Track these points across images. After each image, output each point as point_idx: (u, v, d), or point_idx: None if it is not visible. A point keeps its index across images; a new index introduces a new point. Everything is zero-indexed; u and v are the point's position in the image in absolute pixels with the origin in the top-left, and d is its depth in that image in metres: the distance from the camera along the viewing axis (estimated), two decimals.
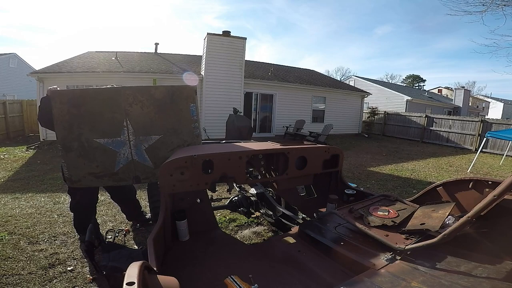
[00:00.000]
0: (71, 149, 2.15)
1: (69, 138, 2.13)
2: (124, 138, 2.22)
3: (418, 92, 28.98)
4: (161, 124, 2.28)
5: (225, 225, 3.37)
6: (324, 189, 2.62)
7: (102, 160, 2.22)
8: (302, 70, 17.83)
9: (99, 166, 2.22)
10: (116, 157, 2.23)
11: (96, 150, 2.18)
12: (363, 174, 6.57)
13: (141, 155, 2.27)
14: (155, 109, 2.24)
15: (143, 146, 2.27)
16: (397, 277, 1.22)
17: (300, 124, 12.12)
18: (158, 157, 2.28)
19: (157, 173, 2.24)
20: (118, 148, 2.21)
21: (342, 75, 47.41)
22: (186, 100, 2.31)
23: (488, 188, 1.72)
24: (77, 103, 2.11)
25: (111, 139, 2.19)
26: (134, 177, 2.32)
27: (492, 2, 5.63)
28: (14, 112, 11.37)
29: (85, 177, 2.23)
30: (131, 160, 2.27)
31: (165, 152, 2.28)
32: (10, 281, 2.22)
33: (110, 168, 2.26)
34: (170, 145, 2.32)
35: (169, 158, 1.91)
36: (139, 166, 2.30)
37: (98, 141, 2.17)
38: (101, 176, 2.27)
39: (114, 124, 2.18)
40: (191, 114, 2.34)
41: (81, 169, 2.20)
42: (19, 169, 6.05)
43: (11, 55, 21.85)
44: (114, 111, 2.18)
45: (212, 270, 1.55)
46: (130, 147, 2.24)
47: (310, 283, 1.43)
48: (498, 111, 34.48)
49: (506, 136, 7.82)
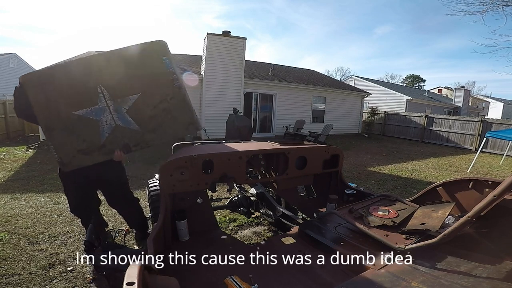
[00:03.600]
0: (54, 128, 2.09)
1: (49, 117, 2.08)
2: (102, 105, 2.15)
3: (418, 92, 28.98)
4: (136, 83, 2.21)
5: (225, 225, 3.37)
6: (324, 189, 2.62)
7: (86, 133, 2.16)
8: (302, 70, 17.83)
9: (85, 140, 2.16)
10: (99, 127, 2.16)
11: (78, 123, 2.12)
12: (363, 174, 6.57)
13: (123, 118, 2.19)
14: (126, 70, 2.19)
15: (123, 108, 2.19)
16: (397, 277, 1.22)
17: (300, 124, 12.12)
18: (143, 118, 2.22)
19: (146, 137, 2.23)
20: (98, 117, 2.15)
21: (342, 75, 47.41)
22: (157, 53, 2.24)
23: (488, 188, 1.72)
24: (48, 80, 2.07)
25: (90, 109, 2.13)
26: (124, 145, 2.22)
27: (492, 2, 5.63)
28: (14, 112, 11.34)
29: (74, 157, 2.15)
30: (115, 126, 2.19)
31: (149, 110, 2.22)
32: (10, 281, 2.22)
33: (96, 140, 2.18)
34: (151, 102, 2.23)
35: (169, 158, 1.91)
36: (125, 132, 2.22)
37: (77, 113, 2.11)
38: (90, 152, 2.19)
39: (88, 93, 2.13)
40: (166, 67, 2.25)
41: (68, 147, 2.13)
42: (19, 169, 6.04)
43: (11, 55, 21.84)
44: (86, 80, 2.13)
45: (212, 270, 1.55)
46: (110, 112, 2.17)
47: (310, 283, 1.43)
48: (498, 111, 34.47)
49: (506, 136, 7.82)
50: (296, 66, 18.33)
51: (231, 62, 10.53)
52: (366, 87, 20.31)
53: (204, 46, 10.50)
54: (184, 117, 2.28)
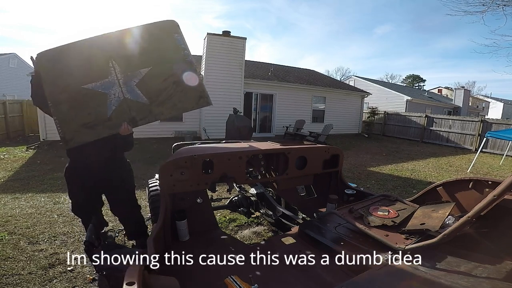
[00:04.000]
0: (61, 102, 2.10)
1: (58, 91, 2.10)
2: (112, 78, 2.18)
3: (418, 92, 28.99)
4: (147, 57, 2.25)
5: (225, 225, 3.37)
6: (324, 189, 2.62)
7: (93, 107, 2.16)
8: (302, 70, 17.83)
9: (91, 113, 2.15)
10: (107, 99, 2.17)
11: (86, 97, 2.13)
12: (363, 174, 6.57)
13: (132, 91, 2.21)
14: (138, 45, 2.24)
15: (133, 81, 2.21)
16: (397, 277, 1.22)
17: (300, 124, 12.12)
18: (152, 91, 2.24)
19: (154, 110, 2.23)
20: (107, 90, 2.17)
21: (342, 75, 47.42)
22: (169, 30, 2.32)
23: (488, 188, 1.72)
24: (61, 56, 2.12)
25: (99, 82, 2.16)
26: (130, 119, 2.21)
27: (492, 2, 5.62)
28: (14, 112, 11.37)
29: (78, 132, 2.14)
30: (123, 99, 2.19)
31: (158, 83, 2.24)
32: (10, 281, 2.22)
33: (103, 113, 2.17)
34: (161, 75, 2.26)
35: (169, 158, 1.91)
36: (133, 105, 2.22)
37: (86, 87, 2.13)
38: (94, 126, 2.17)
39: (99, 67, 2.17)
40: (178, 43, 2.32)
41: (72, 122, 2.13)
42: (19, 169, 6.04)
43: (11, 55, 21.85)
44: (98, 55, 2.18)
45: (212, 270, 1.55)
46: (119, 85, 2.18)
47: (310, 283, 1.43)
48: (498, 111, 34.47)
49: (506, 136, 7.82)
50: (296, 66, 18.34)
51: (231, 62, 10.53)
52: (366, 87, 20.32)
53: (204, 46, 10.51)
54: (194, 91, 2.31)
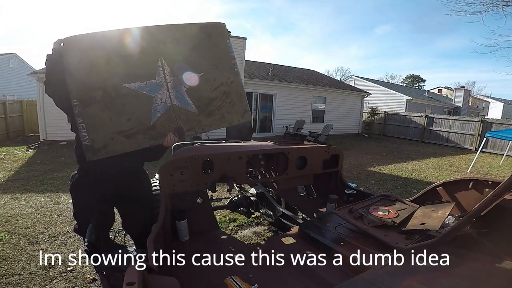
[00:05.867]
0: (93, 102, 1.73)
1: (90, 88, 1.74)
2: (160, 80, 1.88)
3: (418, 92, 28.99)
4: (199, 61, 2.01)
5: (225, 225, 3.37)
6: (324, 189, 2.62)
7: (134, 111, 1.80)
8: (302, 70, 17.83)
9: (131, 119, 1.81)
10: (152, 104, 1.86)
11: (126, 98, 1.80)
12: (363, 174, 6.57)
13: (182, 98, 1.93)
14: (191, 46, 1.99)
15: (183, 87, 1.95)
16: (397, 277, 1.22)
17: (300, 124, 12.12)
18: (201, 99, 1.99)
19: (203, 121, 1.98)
20: (153, 93, 1.86)
21: (342, 75, 47.43)
22: (222, 35, 2.10)
23: (488, 188, 1.72)
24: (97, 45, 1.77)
25: (145, 82, 1.84)
26: (176, 129, 1.92)
27: (492, 2, 5.62)
28: (14, 112, 11.37)
29: (112, 140, 1.78)
30: (170, 106, 1.91)
31: (208, 92, 2.01)
32: (10, 281, 2.22)
33: (145, 120, 1.85)
34: (213, 83, 2.03)
35: (169, 158, 1.91)
36: (181, 113, 1.94)
37: (128, 86, 1.78)
38: (134, 134, 1.81)
39: (147, 65, 1.86)
40: (230, 50, 2.12)
41: (106, 127, 1.77)
42: (19, 169, 6.04)
43: (11, 55, 21.86)
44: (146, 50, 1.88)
45: (212, 270, 1.55)
46: (168, 89, 1.90)
47: (310, 283, 1.43)
48: (498, 111, 34.46)
49: (506, 136, 7.82)
50: (296, 66, 18.34)
51: None
52: (366, 87, 20.31)
53: None
54: (241, 103, 2.14)
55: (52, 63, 1.72)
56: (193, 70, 1.97)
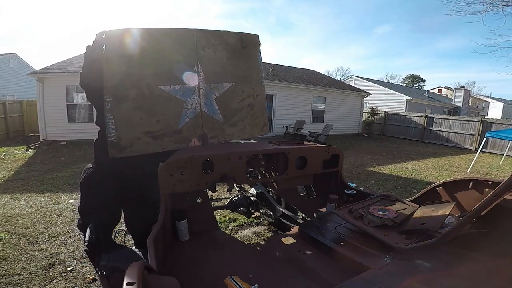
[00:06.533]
0: (126, 99, 1.72)
1: (125, 85, 1.72)
2: (194, 85, 1.91)
3: (418, 92, 29.00)
4: (232, 71, 2.03)
5: (225, 225, 3.37)
6: (324, 189, 2.62)
7: (165, 113, 1.83)
8: (302, 70, 17.83)
9: (160, 121, 1.82)
10: (182, 109, 1.88)
11: (159, 100, 1.80)
12: (363, 174, 6.57)
13: (210, 106, 1.97)
14: (227, 54, 2.00)
15: (214, 95, 1.97)
16: (397, 277, 1.22)
17: (300, 124, 12.12)
18: (228, 109, 2.03)
19: (226, 130, 2.02)
20: (186, 97, 1.87)
21: (342, 75, 47.46)
22: (256, 47, 2.12)
23: (488, 188, 1.72)
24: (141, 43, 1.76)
25: (179, 86, 1.84)
26: (201, 135, 1.95)
27: (492, 2, 5.62)
28: (14, 112, 11.37)
29: (139, 139, 1.77)
30: (199, 113, 1.93)
31: (235, 103, 2.05)
32: (10, 281, 2.22)
33: (173, 123, 1.87)
34: (240, 94, 2.06)
35: (169, 158, 1.91)
36: (207, 121, 1.97)
37: (162, 88, 1.79)
38: (160, 136, 1.83)
39: (183, 69, 1.86)
40: (259, 63, 2.15)
41: (135, 126, 1.76)
42: (19, 169, 6.04)
43: (11, 55, 21.86)
44: (185, 53, 1.87)
45: (212, 270, 1.55)
46: (199, 96, 1.91)
47: (310, 283, 1.43)
48: (498, 111, 34.46)
49: (506, 136, 7.82)
50: (296, 66, 18.34)
51: None
52: (366, 87, 20.31)
53: None
54: (262, 117, 2.17)
55: (91, 55, 1.69)
56: (224, 80, 1.99)
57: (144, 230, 1.98)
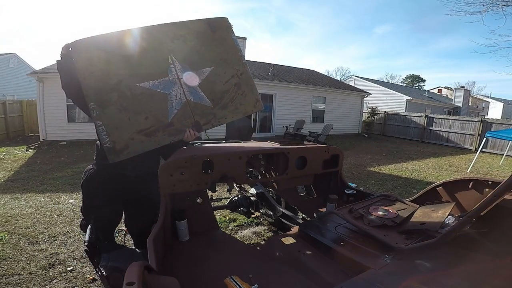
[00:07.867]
0: (110, 103, 1.75)
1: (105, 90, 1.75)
2: (173, 77, 1.91)
3: (418, 92, 29.00)
4: (209, 56, 2.04)
5: (225, 225, 3.37)
6: (324, 189, 2.62)
7: (151, 109, 1.85)
8: (302, 70, 17.83)
9: (148, 117, 1.84)
10: (168, 101, 1.89)
11: (142, 97, 1.83)
12: (363, 174, 6.57)
13: (195, 93, 1.97)
14: (199, 41, 2.02)
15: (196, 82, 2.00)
16: (397, 277, 1.22)
17: (300, 124, 12.12)
18: (214, 93, 2.03)
19: (218, 114, 2.03)
20: (168, 90, 1.88)
21: (342, 75, 47.52)
22: (227, 29, 2.13)
23: (488, 188, 1.72)
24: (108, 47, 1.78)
25: (158, 80, 1.86)
26: (194, 123, 1.96)
27: (492, 2, 5.62)
28: (14, 112, 11.37)
29: (132, 140, 1.80)
30: (185, 102, 1.94)
31: (220, 85, 2.05)
32: (10, 281, 2.22)
33: (162, 117, 1.88)
34: (223, 76, 2.07)
35: (169, 158, 1.91)
36: (196, 108, 1.98)
37: (142, 86, 1.82)
38: (153, 132, 1.86)
39: (158, 63, 1.89)
40: (236, 44, 2.15)
41: (126, 127, 1.79)
42: (19, 169, 6.04)
43: (11, 55, 21.86)
44: (155, 48, 1.90)
45: (212, 270, 1.55)
46: (181, 85, 1.92)
47: (310, 283, 1.43)
48: (498, 111, 34.48)
49: (506, 136, 7.83)
50: (296, 66, 18.34)
51: None
52: (366, 87, 20.32)
53: None
54: (252, 94, 2.20)
55: (62, 69, 1.73)
56: (202, 65, 2.01)
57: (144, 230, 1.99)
